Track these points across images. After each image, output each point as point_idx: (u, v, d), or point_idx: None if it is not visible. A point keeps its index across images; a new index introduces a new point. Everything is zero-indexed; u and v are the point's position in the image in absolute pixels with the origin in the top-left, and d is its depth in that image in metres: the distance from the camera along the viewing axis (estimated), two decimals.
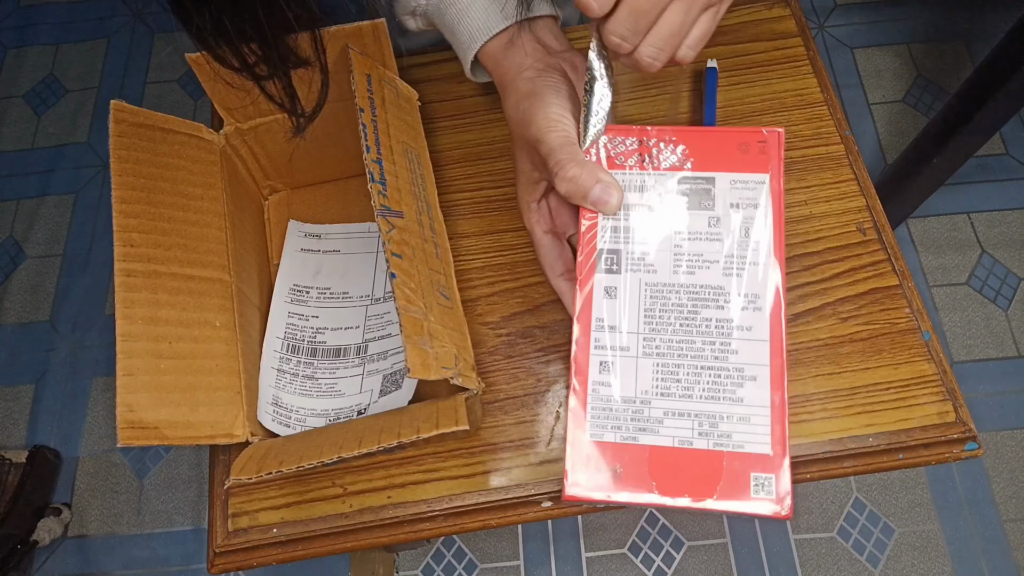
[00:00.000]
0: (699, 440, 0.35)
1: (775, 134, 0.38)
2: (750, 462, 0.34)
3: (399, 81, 0.49)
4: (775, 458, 0.34)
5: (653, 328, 0.37)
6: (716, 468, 0.34)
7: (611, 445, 0.36)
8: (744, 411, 0.35)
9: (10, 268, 1.30)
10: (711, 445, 0.35)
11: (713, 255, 0.38)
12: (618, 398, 0.36)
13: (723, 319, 0.37)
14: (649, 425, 0.36)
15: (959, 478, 1.06)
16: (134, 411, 0.37)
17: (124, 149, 0.41)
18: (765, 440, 0.35)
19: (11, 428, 1.18)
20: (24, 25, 1.54)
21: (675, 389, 0.36)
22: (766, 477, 0.34)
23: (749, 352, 0.36)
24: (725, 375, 0.36)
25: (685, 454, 0.35)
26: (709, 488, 0.34)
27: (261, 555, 0.43)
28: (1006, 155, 1.28)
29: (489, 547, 1.05)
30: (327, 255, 0.52)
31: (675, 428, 0.35)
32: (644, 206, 0.39)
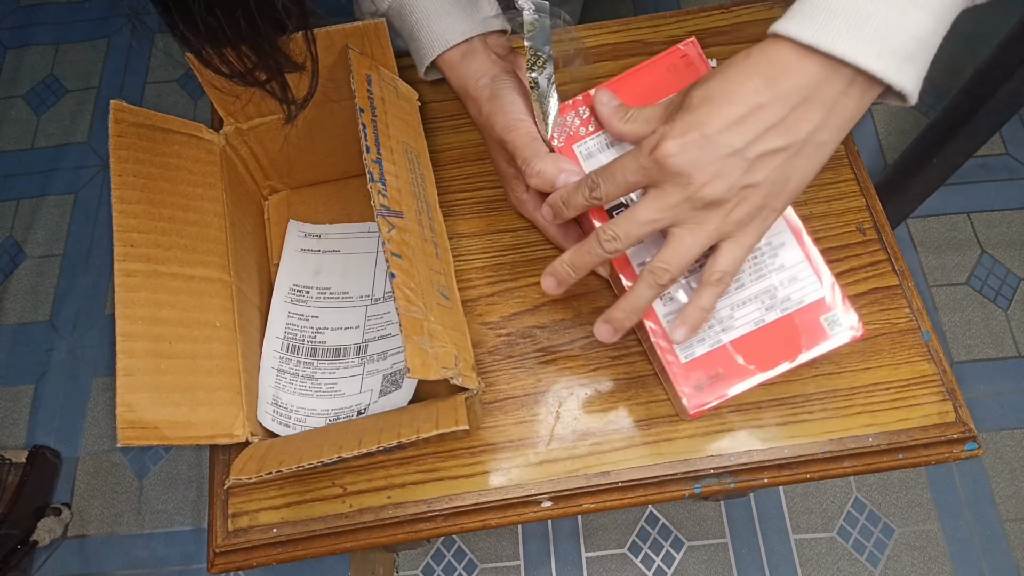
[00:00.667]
0: (769, 314, 0.40)
1: (690, 44, 0.42)
2: (815, 310, 0.40)
3: (399, 81, 0.49)
4: (831, 296, 0.40)
5: None
6: (792, 328, 0.39)
7: (703, 357, 0.40)
8: (789, 274, 0.40)
9: (10, 268, 1.30)
10: (780, 313, 0.40)
11: None
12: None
13: None
14: (725, 324, 0.40)
15: (959, 478, 1.06)
16: (134, 411, 0.37)
17: (124, 149, 0.41)
18: (816, 288, 0.40)
19: (11, 428, 1.18)
20: (24, 25, 1.54)
21: (730, 286, 0.40)
22: (832, 315, 0.39)
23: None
24: (759, 254, 0.40)
25: (764, 331, 0.40)
26: (795, 347, 0.39)
27: (261, 555, 0.43)
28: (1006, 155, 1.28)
29: (489, 547, 1.05)
30: (327, 255, 0.52)
31: (745, 315, 0.40)
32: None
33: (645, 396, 0.45)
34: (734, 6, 0.56)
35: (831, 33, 0.31)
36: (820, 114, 0.33)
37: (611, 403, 0.45)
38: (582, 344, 0.47)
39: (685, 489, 0.43)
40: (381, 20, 0.44)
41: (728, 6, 0.56)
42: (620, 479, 0.43)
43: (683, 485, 0.43)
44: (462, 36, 0.47)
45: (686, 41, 0.42)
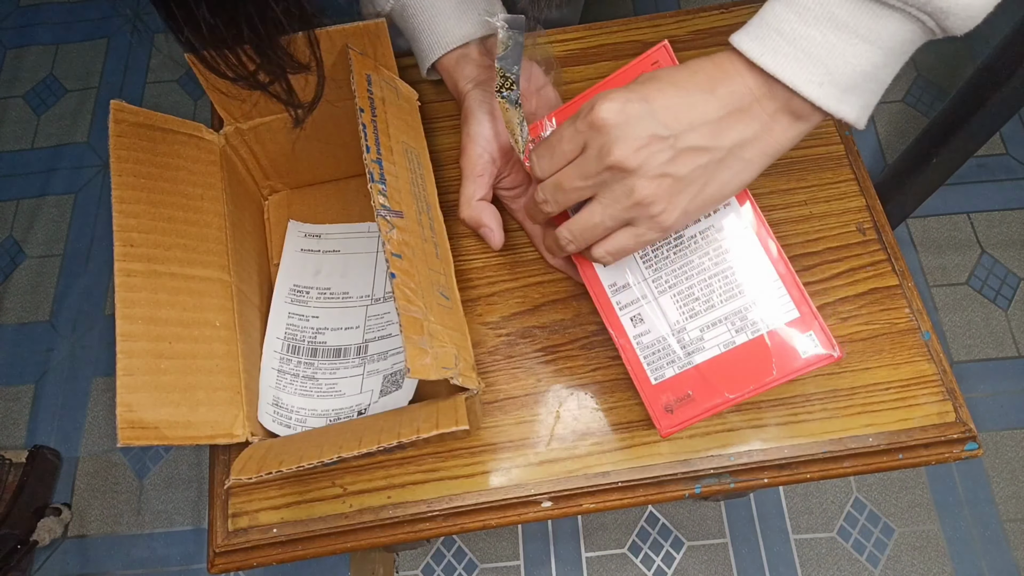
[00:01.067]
0: (739, 336, 0.39)
1: (661, 49, 0.41)
2: (786, 332, 0.39)
3: (399, 81, 0.49)
4: (805, 316, 0.38)
5: (655, 268, 0.41)
6: (764, 350, 0.38)
7: (674, 378, 0.40)
8: (761, 294, 0.39)
9: (10, 268, 1.30)
10: (751, 335, 0.39)
11: None
12: (659, 337, 0.40)
13: (703, 229, 0.40)
14: (695, 346, 0.40)
15: (959, 478, 1.06)
16: (134, 411, 0.37)
17: (124, 149, 0.41)
18: (790, 306, 0.39)
19: (11, 428, 1.18)
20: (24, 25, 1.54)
21: (698, 307, 0.40)
22: (807, 335, 0.38)
23: (738, 245, 0.39)
24: (730, 273, 0.40)
25: (734, 354, 0.39)
26: (767, 369, 0.38)
27: (261, 555, 0.43)
28: (1006, 155, 1.28)
29: (489, 547, 1.05)
30: (327, 255, 0.52)
31: (715, 338, 0.39)
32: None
33: None
34: (734, 6, 0.56)
35: (779, 56, 0.32)
36: (751, 128, 0.34)
37: (611, 403, 0.45)
38: (582, 344, 0.47)
39: (685, 489, 0.43)
40: (381, 20, 0.44)
41: (728, 6, 0.56)
42: (620, 479, 0.43)
43: (683, 485, 0.43)
44: (460, 40, 0.47)
45: (657, 46, 0.41)
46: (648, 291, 0.41)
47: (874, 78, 0.32)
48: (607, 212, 0.36)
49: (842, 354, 0.38)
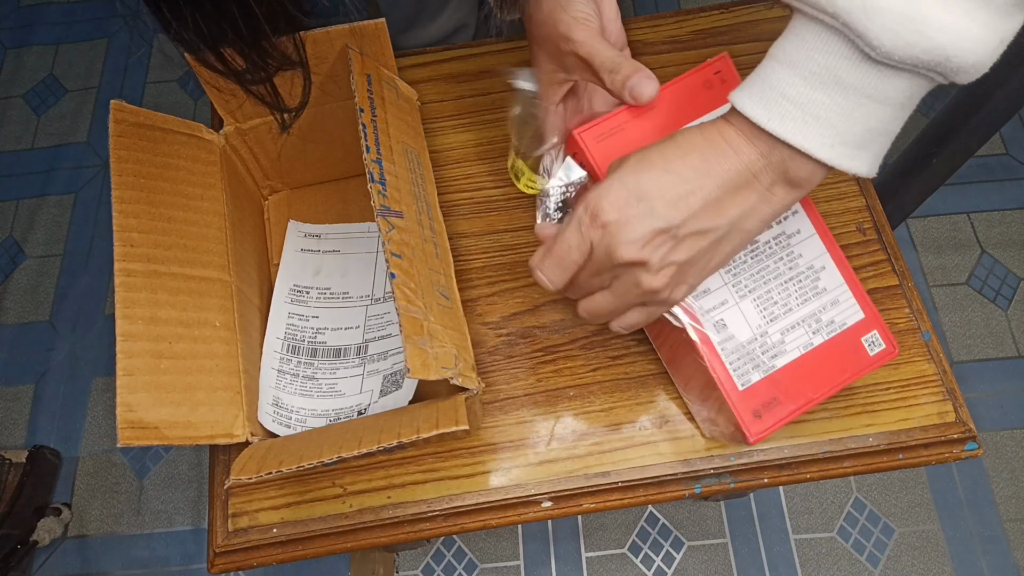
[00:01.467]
0: (816, 337, 0.40)
1: (723, 60, 0.41)
2: (855, 331, 0.40)
3: (399, 81, 0.49)
4: (869, 318, 0.41)
5: (733, 274, 0.41)
6: (838, 351, 0.40)
7: (760, 383, 0.40)
8: (831, 297, 0.41)
9: (10, 268, 1.30)
10: (826, 336, 0.40)
11: None
12: (743, 342, 0.40)
13: (776, 236, 0.41)
14: (776, 349, 0.40)
15: (959, 478, 1.06)
16: (134, 411, 0.37)
17: (124, 149, 0.41)
18: (856, 309, 0.41)
19: (11, 428, 1.18)
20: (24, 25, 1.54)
21: (778, 310, 0.41)
22: (872, 335, 0.40)
23: (808, 250, 0.41)
24: (803, 277, 0.41)
25: (813, 355, 0.40)
26: (843, 368, 0.40)
27: (261, 555, 0.43)
28: (1006, 155, 1.28)
29: (489, 547, 1.05)
30: (327, 255, 0.52)
31: (795, 340, 0.40)
32: None
33: (645, 396, 0.45)
34: (734, 6, 0.56)
35: (787, 121, 0.31)
36: (749, 202, 0.34)
37: (611, 403, 0.45)
38: (582, 344, 0.47)
39: (685, 489, 0.43)
40: (381, 20, 0.44)
41: (728, 6, 0.56)
42: (620, 479, 0.43)
43: (683, 485, 0.43)
44: None
45: (717, 58, 0.41)
46: (729, 296, 0.41)
47: (884, 132, 0.32)
48: (618, 301, 0.37)
49: (898, 352, 0.40)
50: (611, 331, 0.40)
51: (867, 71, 0.29)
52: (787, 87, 0.31)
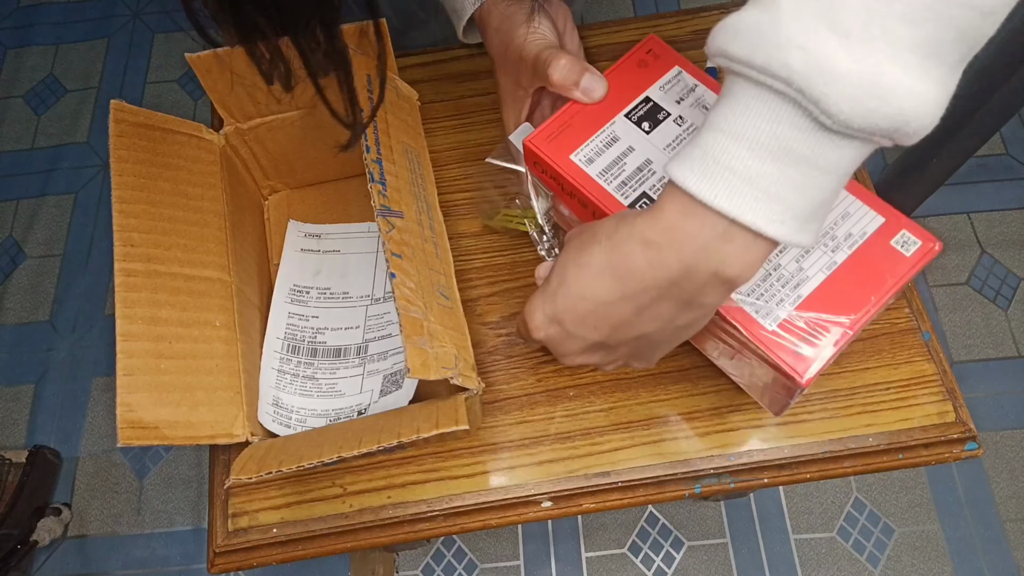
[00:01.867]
0: (838, 254, 0.37)
1: (652, 40, 0.42)
2: (881, 237, 0.37)
3: (399, 81, 0.49)
4: (891, 221, 0.38)
5: None
6: (868, 262, 0.37)
7: (791, 316, 0.36)
8: (838, 211, 0.38)
9: (10, 268, 1.30)
10: (849, 250, 0.37)
11: None
12: (756, 281, 0.37)
13: None
14: (797, 278, 0.37)
15: (959, 478, 1.06)
16: (134, 411, 0.37)
17: (124, 149, 0.41)
18: (872, 216, 0.38)
19: (11, 428, 1.18)
20: (24, 25, 1.54)
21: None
22: (901, 235, 0.37)
23: None
24: None
25: (840, 274, 0.37)
26: (884, 276, 0.37)
27: (261, 555, 0.43)
28: (1006, 155, 1.28)
29: (489, 547, 1.05)
30: (327, 255, 0.52)
31: (815, 264, 0.37)
32: (626, 151, 0.41)
33: (645, 396, 0.45)
34: (734, 6, 0.56)
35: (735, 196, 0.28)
36: (673, 309, 0.32)
37: (611, 403, 0.45)
38: None
39: (685, 489, 0.43)
40: (381, 20, 0.44)
41: (727, 6, 0.56)
42: (620, 479, 0.43)
43: (683, 485, 0.43)
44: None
45: (647, 38, 0.43)
46: None
47: (829, 203, 0.30)
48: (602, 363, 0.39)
49: (941, 247, 0.37)
50: None
51: (820, 140, 0.27)
52: (732, 159, 0.28)
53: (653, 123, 0.41)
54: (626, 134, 0.41)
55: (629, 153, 0.41)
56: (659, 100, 0.42)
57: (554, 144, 0.41)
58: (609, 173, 0.40)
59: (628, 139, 0.41)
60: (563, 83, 0.41)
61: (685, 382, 0.45)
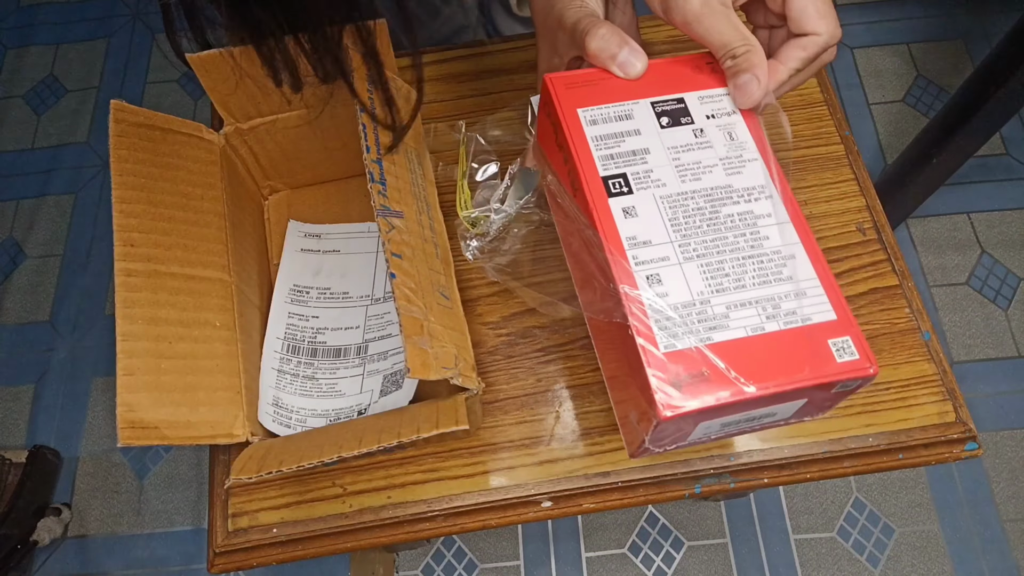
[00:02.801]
0: (770, 323, 0.35)
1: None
2: (822, 331, 0.35)
3: (399, 81, 0.49)
4: (842, 322, 0.35)
5: (683, 234, 0.37)
6: (793, 346, 0.34)
7: (689, 351, 0.34)
8: (797, 287, 0.36)
9: (10, 268, 1.30)
10: (782, 325, 0.35)
11: (709, 160, 0.39)
12: (677, 305, 0.36)
13: (743, 212, 0.38)
14: (717, 322, 0.35)
15: (959, 478, 1.06)
16: (134, 411, 0.37)
17: (124, 149, 0.41)
18: (827, 307, 0.35)
19: (11, 428, 1.18)
20: (24, 25, 1.54)
21: (727, 283, 0.36)
22: (842, 340, 0.34)
23: (778, 235, 0.37)
24: (767, 259, 0.36)
25: (760, 341, 0.35)
26: (798, 366, 0.34)
27: (261, 555, 0.43)
28: (1006, 155, 1.28)
29: (489, 547, 1.05)
30: (327, 255, 0.52)
31: (743, 319, 0.35)
32: (632, 132, 0.40)
33: None
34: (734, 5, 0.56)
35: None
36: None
37: (611, 403, 0.45)
38: (582, 344, 0.47)
39: (685, 489, 0.43)
40: (382, 20, 0.44)
41: None
42: (620, 479, 0.43)
43: (683, 485, 0.43)
44: None
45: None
46: (673, 253, 0.37)
47: None
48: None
49: (877, 372, 0.34)
50: None
51: None
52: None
53: (673, 122, 0.40)
54: (641, 118, 0.40)
55: (633, 135, 0.40)
56: (691, 106, 0.41)
57: (570, 92, 0.40)
58: (603, 141, 0.40)
59: (640, 123, 0.40)
60: (599, 54, 0.39)
61: None
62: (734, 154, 0.39)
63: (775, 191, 0.39)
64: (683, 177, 0.39)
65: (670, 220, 0.38)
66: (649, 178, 0.39)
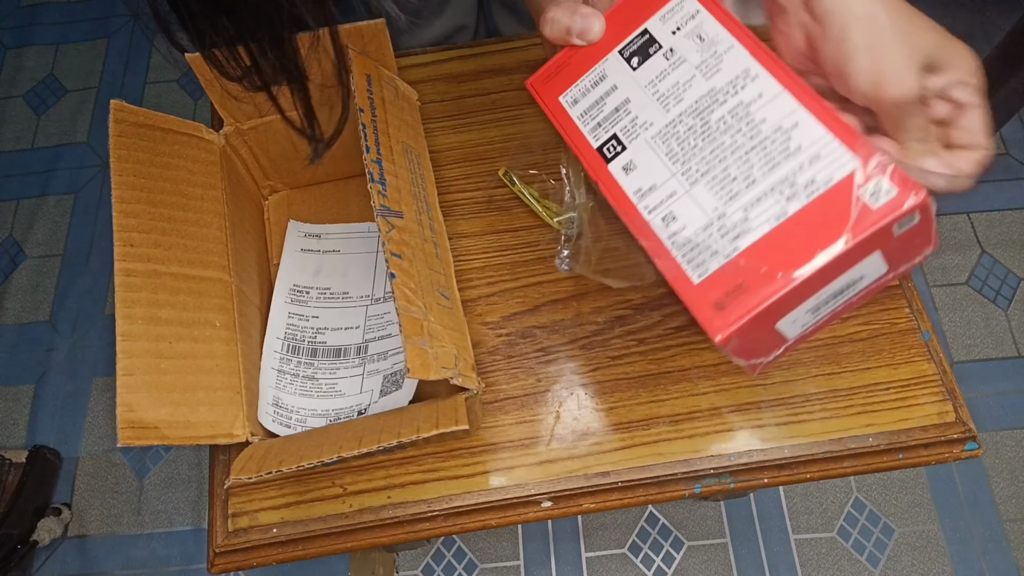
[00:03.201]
0: (792, 203, 0.32)
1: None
2: (847, 185, 0.32)
3: (399, 81, 0.49)
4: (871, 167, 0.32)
5: (683, 162, 0.36)
6: (824, 212, 0.32)
7: (719, 271, 0.33)
8: (810, 153, 0.33)
9: (10, 268, 1.30)
10: (806, 199, 0.32)
11: (685, 75, 0.38)
12: (697, 231, 0.34)
13: (733, 107, 0.36)
14: (738, 229, 0.33)
15: (959, 478, 1.06)
16: (134, 411, 0.37)
17: (124, 149, 0.41)
18: (848, 156, 0.32)
19: (11, 428, 1.18)
20: (24, 25, 1.54)
21: (737, 186, 0.34)
22: (874, 183, 0.31)
23: (774, 111, 0.34)
24: (770, 142, 0.34)
25: (790, 225, 0.32)
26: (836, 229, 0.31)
27: (261, 555, 0.43)
28: (1006, 155, 1.28)
29: (489, 547, 1.05)
30: (327, 255, 0.52)
31: (762, 213, 0.33)
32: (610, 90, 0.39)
33: (645, 396, 0.45)
34: None
35: None
36: None
37: (611, 403, 0.45)
38: (582, 344, 0.47)
39: (685, 489, 0.43)
40: (381, 20, 0.44)
41: None
42: (620, 479, 0.43)
43: (683, 485, 0.43)
44: None
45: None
46: (678, 186, 0.35)
47: None
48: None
49: (923, 196, 0.30)
50: (611, 332, 0.39)
51: None
52: None
53: (643, 58, 0.39)
54: (614, 72, 0.39)
55: (611, 92, 0.39)
56: (656, 32, 0.39)
57: (549, 85, 0.40)
58: (587, 114, 0.39)
59: (614, 77, 0.39)
60: (555, 37, 0.39)
61: (685, 382, 0.45)
62: (708, 54, 0.37)
63: (759, 68, 0.36)
64: (666, 106, 0.38)
65: (666, 155, 0.37)
66: (636, 125, 0.38)
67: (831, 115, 0.33)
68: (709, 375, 0.45)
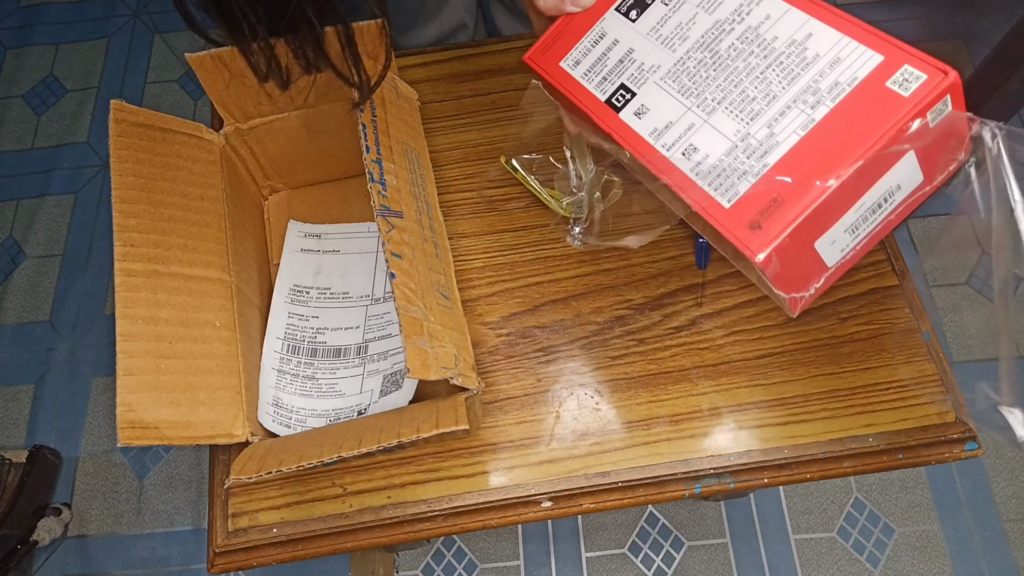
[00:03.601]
0: (818, 110, 0.32)
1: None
2: (876, 78, 0.31)
3: (399, 81, 0.49)
4: (892, 57, 0.31)
5: (697, 95, 0.36)
6: (856, 112, 0.31)
7: (750, 191, 0.32)
8: (828, 59, 0.32)
9: (10, 268, 1.30)
10: (832, 103, 0.31)
11: (687, 15, 0.38)
12: (720, 156, 0.34)
13: (741, 34, 0.35)
14: (765, 146, 0.32)
15: (959, 478, 1.06)
16: (134, 411, 0.37)
17: (124, 149, 0.41)
18: (869, 54, 0.31)
19: (11, 428, 1.18)
20: (24, 25, 1.54)
21: (758, 105, 0.33)
22: (900, 73, 0.30)
23: (785, 28, 0.34)
24: (785, 57, 0.34)
25: (819, 132, 0.31)
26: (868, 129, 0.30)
27: (261, 555, 0.43)
28: None
29: (489, 547, 1.05)
30: (327, 255, 0.52)
31: (788, 125, 0.32)
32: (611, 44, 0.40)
33: (645, 396, 0.45)
34: None
35: None
36: None
37: (611, 403, 0.45)
38: (582, 344, 0.47)
39: (685, 489, 0.43)
40: (381, 20, 0.44)
41: None
42: (620, 479, 0.43)
43: (683, 485, 0.43)
44: None
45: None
46: (695, 118, 0.35)
47: None
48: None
49: (955, 75, 0.29)
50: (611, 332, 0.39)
51: None
52: None
53: (641, 9, 0.39)
54: (613, 28, 0.40)
55: (613, 47, 0.39)
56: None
57: (548, 55, 0.41)
58: (592, 72, 0.39)
59: (614, 33, 0.40)
60: (550, 7, 0.41)
61: (685, 382, 0.45)
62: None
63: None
64: (672, 48, 0.38)
65: (678, 92, 0.37)
66: (643, 71, 0.38)
67: (844, 18, 0.33)
68: (709, 375, 0.45)
